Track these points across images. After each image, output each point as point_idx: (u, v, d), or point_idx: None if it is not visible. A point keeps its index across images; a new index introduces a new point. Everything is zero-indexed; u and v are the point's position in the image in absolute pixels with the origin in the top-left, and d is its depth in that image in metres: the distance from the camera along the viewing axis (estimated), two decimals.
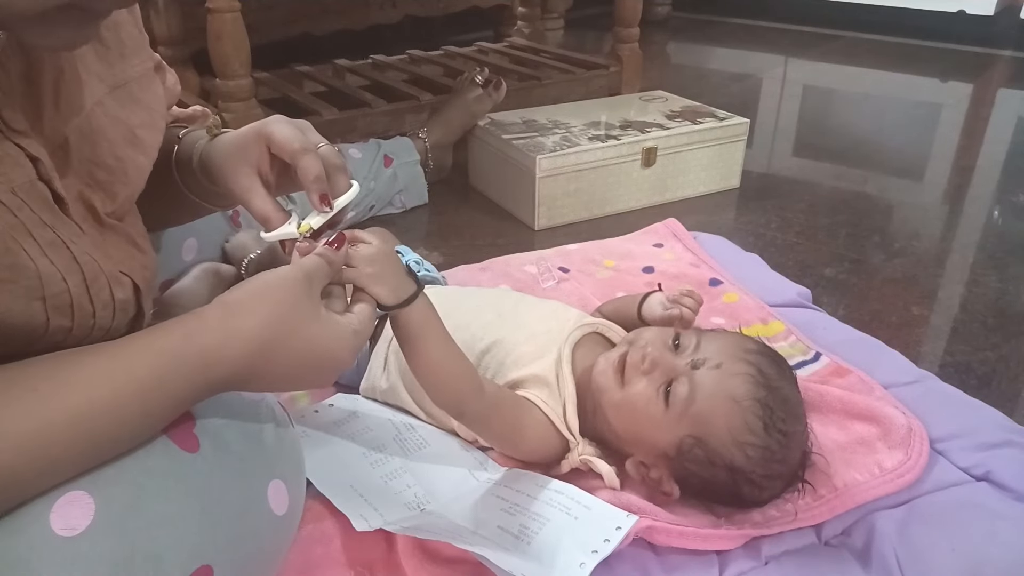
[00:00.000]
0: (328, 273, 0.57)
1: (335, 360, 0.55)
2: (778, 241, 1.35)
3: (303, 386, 0.57)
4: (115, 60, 0.58)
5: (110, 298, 0.52)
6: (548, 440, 0.74)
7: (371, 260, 0.61)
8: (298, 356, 0.52)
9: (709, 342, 0.72)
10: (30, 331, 0.46)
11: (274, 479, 0.53)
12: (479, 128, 1.52)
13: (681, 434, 0.68)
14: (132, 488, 0.45)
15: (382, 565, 0.66)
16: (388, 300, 0.62)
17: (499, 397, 0.72)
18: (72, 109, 0.52)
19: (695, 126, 1.50)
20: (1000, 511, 0.71)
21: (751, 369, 0.68)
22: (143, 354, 0.47)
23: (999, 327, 1.09)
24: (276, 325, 0.51)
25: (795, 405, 0.70)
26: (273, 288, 0.53)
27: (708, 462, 0.68)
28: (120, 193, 0.57)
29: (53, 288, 0.47)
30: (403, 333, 0.65)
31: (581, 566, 0.61)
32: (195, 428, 0.50)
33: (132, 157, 0.59)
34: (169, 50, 1.67)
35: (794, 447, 0.69)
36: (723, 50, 2.98)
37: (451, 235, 1.36)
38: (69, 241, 0.48)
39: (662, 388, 0.69)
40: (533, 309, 0.84)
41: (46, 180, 0.47)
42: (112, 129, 0.56)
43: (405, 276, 0.64)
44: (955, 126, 2.07)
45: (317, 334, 0.53)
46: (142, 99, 0.61)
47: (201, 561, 0.46)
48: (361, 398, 0.86)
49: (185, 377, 0.48)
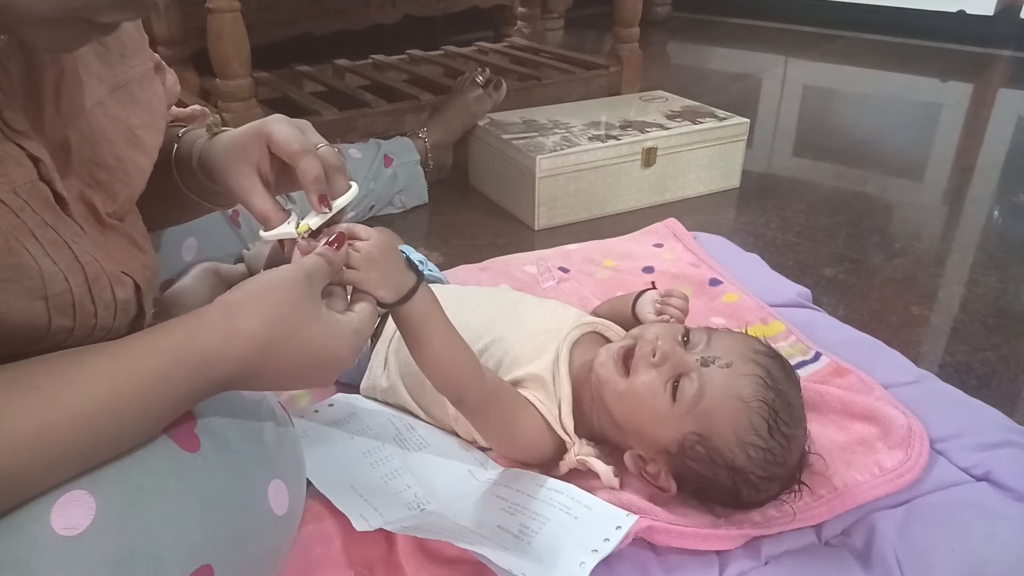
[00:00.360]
0: (328, 273, 0.58)
1: (336, 359, 0.55)
2: (778, 241, 1.35)
3: (304, 385, 0.57)
4: (115, 61, 0.58)
5: (112, 298, 0.52)
6: (544, 439, 0.74)
7: (370, 260, 0.61)
8: (299, 355, 0.52)
9: (719, 340, 0.72)
10: (32, 331, 0.46)
11: (274, 479, 0.53)
12: (479, 128, 1.52)
13: (685, 430, 0.68)
14: (132, 488, 0.45)
15: (382, 565, 0.66)
16: (389, 299, 0.62)
17: (499, 387, 0.72)
18: (73, 110, 0.52)
19: (695, 126, 1.50)
20: (1000, 511, 0.71)
21: (760, 371, 0.68)
22: (144, 353, 0.47)
23: (999, 327, 1.09)
24: (277, 324, 0.51)
25: (798, 409, 0.70)
26: (274, 288, 0.53)
27: (710, 460, 0.68)
28: (121, 193, 0.57)
29: (55, 288, 0.47)
30: (406, 327, 0.65)
31: (581, 565, 0.61)
32: (196, 428, 0.50)
33: (132, 157, 0.59)
34: (169, 50, 1.67)
35: (794, 450, 0.69)
36: (723, 50, 2.98)
37: (451, 235, 1.36)
38: (71, 241, 0.48)
39: (670, 382, 0.69)
40: (533, 308, 0.84)
41: (47, 180, 0.47)
42: (112, 130, 0.57)
43: (405, 271, 0.64)
44: (955, 126, 2.07)
45: (318, 333, 0.53)
46: (142, 100, 0.61)
47: (201, 561, 0.46)
48: (361, 398, 0.86)
49: (186, 376, 0.48)
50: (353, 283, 0.60)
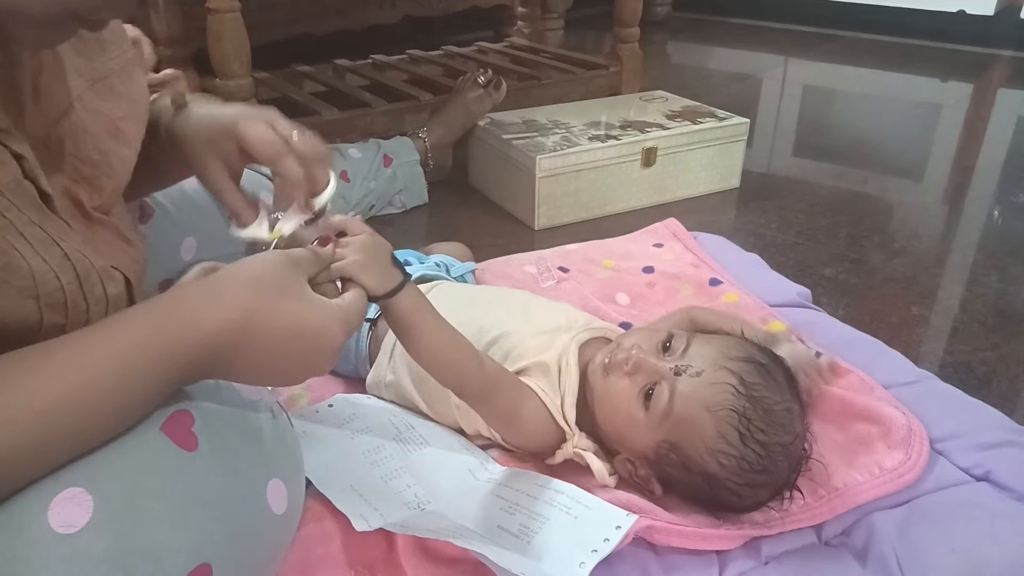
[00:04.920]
0: (315, 262, 0.57)
1: (326, 336, 0.53)
2: (778, 241, 1.35)
3: (299, 369, 0.54)
4: (94, 54, 0.57)
5: (103, 294, 0.52)
6: (546, 428, 0.74)
7: (357, 250, 0.61)
8: (282, 334, 0.50)
9: (697, 347, 0.71)
10: (24, 330, 0.46)
11: (273, 478, 0.53)
12: (479, 128, 1.52)
13: (658, 439, 0.69)
14: (129, 486, 0.45)
15: (382, 565, 0.66)
16: (376, 289, 0.62)
17: (501, 374, 0.72)
18: (53, 105, 0.52)
19: (695, 126, 1.50)
20: (1000, 511, 0.71)
21: (732, 378, 0.67)
22: (123, 323, 0.47)
23: (999, 327, 1.09)
24: (258, 294, 0.50)
25: (780, 416, 0.67)
26: (255, 263, 0.53)
27: (684, 467, 0.68)
28: (106, 187, 0.57)
29: (46, 287, 0.47)
30: (395, 321, 0.66)
31: (581, 565, 0.61)
32: (194, 427, 0.50)
33: (116, 150, 0.58)
34: (169, 50, 1.67)
35: (777, 457, 0.67)
36: (723, 50, 2.98)
37: (451, 235, 1.36)
38: (59, 239, 0.48)
39: (643, 391, 0.69)
40: (543, 307, 0.85)
41: (31, 178, 0.47)
42: (94, 123, 0.56)
43: (391, 267, 0.64)
44: (955, 126, 2.07)
45: (302, 309, 0.52)
46: (124, 91, 0.60)
47: (200, 560, 0.46)
48: (361, 397, 0.86)
49: (165, 346, 0.47)
50: (339, 270, 0.60)
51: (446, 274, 0.99)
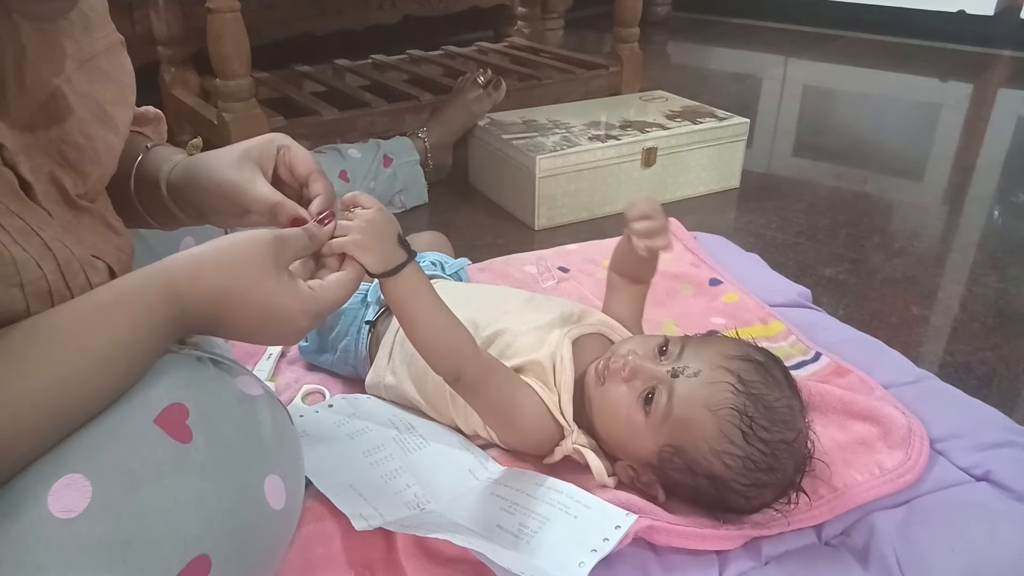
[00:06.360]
0: (306, 245, 0.58)
1: (290, 323, 0.56)
2: (778, 241, 1.35)
3: (270, 341, 0.58)
4: (80, 34, 0.56)
5: (86, 282, 0.52)
6: (544, 423, 0.73)
7: (361, 229, 0.61)
8: (254, 311, 0.54)
9: (693, 348, 0.71)
10: (12, 319, 0.47)
11: (271, 474, 0.53)
12: (479, 128, 1.52)
13: (661, 443, 0.68)
14: (127, 475, 0.45)
15: (382, 565, 0.66)
16: (375, 268, 0.62)
17: (496, 365, 0.72)
18: (37, 88, 0.52)
19: (695, 126, 1.50)
20: (1000, 511, 0.71)
21: (730, 377, 0.67)
22: (107, 288, 0.50)
23: (999, 327, 1.09)
24: (234, 281, 0.53)
25: (782, 412, 0.67)
26: (238, 241, 0.54)
27: (689, 471, 0.67)
28: (91, 174, 0.57)
29: (29, 275, 0.47)
30: (393, 300, 0.66)
31: (580, 565, 0.61)
32: (188, 420, 0.50)
33: (103, 136, 0.58)
34: (169, 50, 1.67)
35: (782, 455, 0.67)
36: (723, 50, 2.98)
37: (451, 235, 1.35)
38: (38, 228, 0.48)
39: (642, 396, 0.69)
40: (539, 305, 0.85)
41: (11, 166, 0.47)
42: (80, 106, 0.56)
43: (396, 246, 0.64)
44: (955, 126, 2.07)
45: (273, 295, 0.54)
46: (111, 73, 0.60)
47: (198, 551, 0.46)
48: (362, 397, 0.86)
49: (148, 304, 0.50)
50: (340, 247, 0.61)
51: (442, 272, 0.99)
